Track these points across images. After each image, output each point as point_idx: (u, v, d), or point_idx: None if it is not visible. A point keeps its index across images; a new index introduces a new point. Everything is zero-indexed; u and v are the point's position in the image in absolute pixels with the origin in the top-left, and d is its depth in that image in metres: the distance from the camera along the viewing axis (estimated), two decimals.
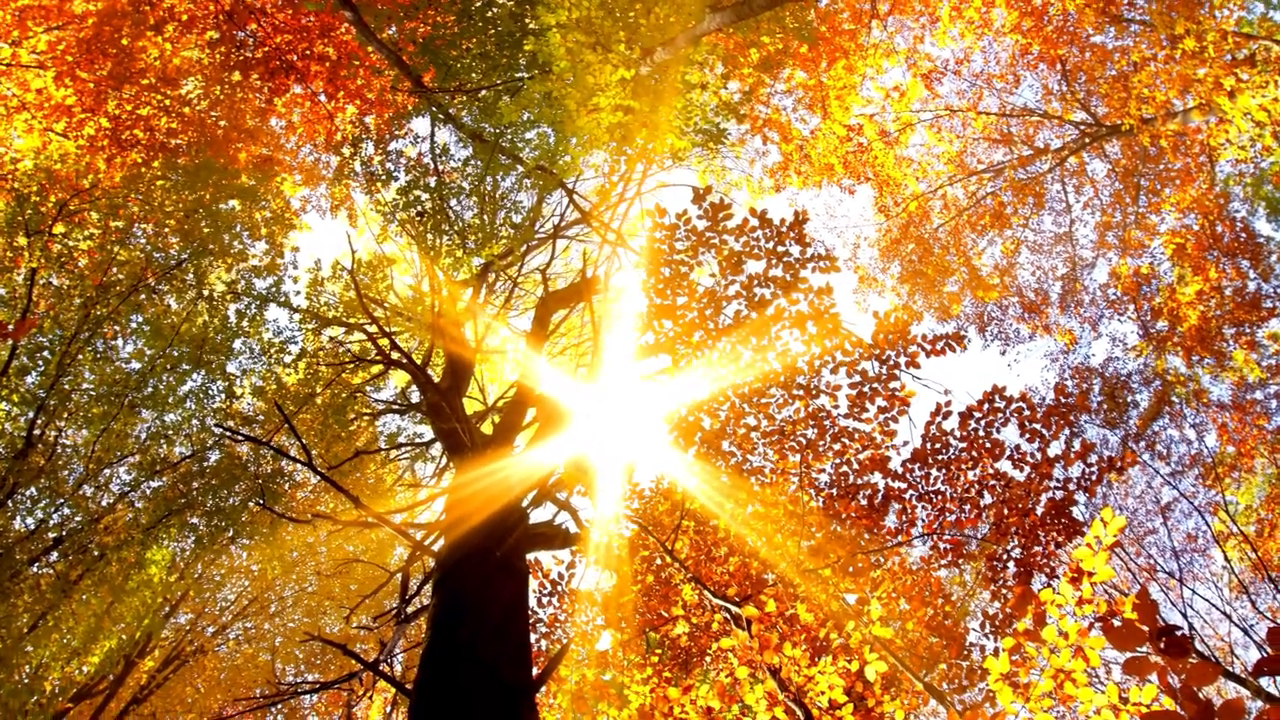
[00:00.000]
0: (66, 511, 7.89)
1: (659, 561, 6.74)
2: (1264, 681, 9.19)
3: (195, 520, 8.61)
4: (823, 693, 5.05)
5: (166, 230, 8.44)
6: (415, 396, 11.28)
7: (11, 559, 7.04)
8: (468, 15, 7.93)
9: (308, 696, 12.52)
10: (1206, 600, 12.11)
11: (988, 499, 6.08)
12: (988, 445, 5.95)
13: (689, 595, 6.53)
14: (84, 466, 7.98)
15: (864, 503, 6.09)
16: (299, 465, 8.86)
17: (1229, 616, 12.03)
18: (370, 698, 13.66)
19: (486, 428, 10.17)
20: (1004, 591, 6.28)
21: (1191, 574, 13.69)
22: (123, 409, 7.97)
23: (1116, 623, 2.37)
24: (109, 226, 7.95)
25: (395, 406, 10.40)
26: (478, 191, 9.49)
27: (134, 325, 8.43)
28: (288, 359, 9.59)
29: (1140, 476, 14.19)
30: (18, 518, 7.71)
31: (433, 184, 8.97)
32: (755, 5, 5.67)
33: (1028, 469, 5.98)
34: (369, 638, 11.38)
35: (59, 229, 7.63)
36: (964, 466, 6.02)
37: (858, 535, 6.02)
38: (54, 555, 7.86)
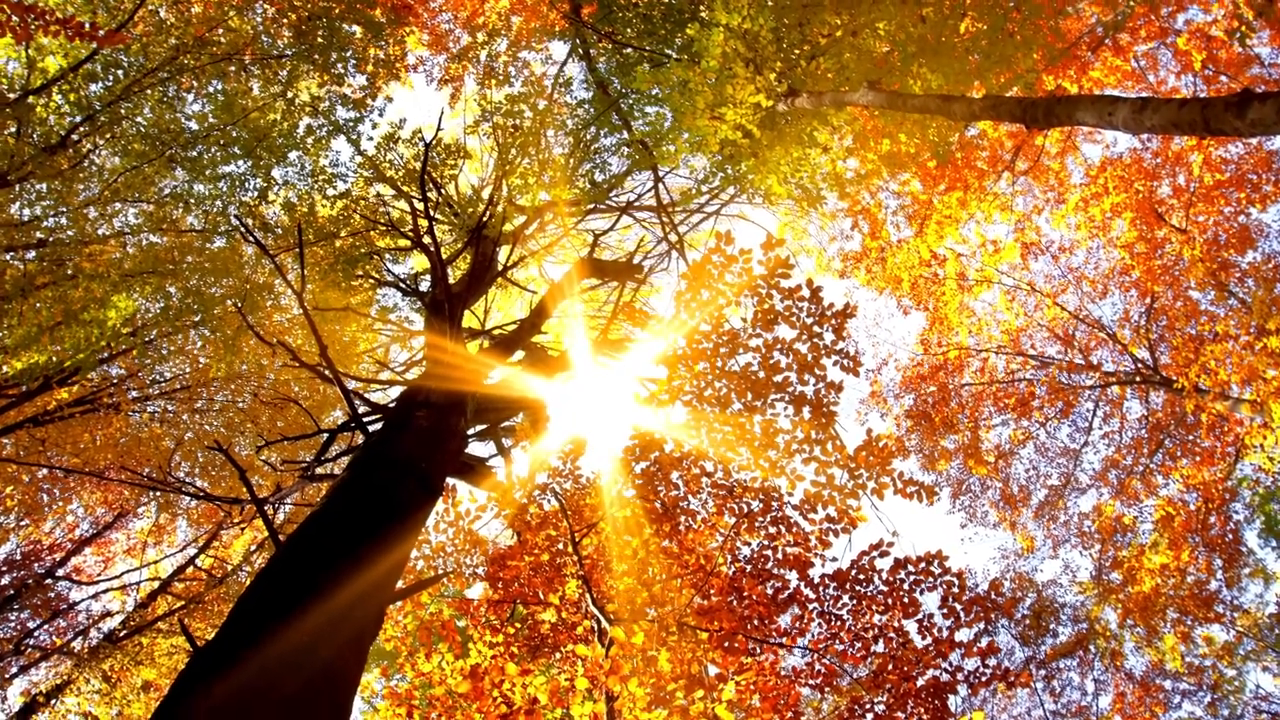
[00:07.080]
0: (63, 221, 7.88)
1: (561, 546, 6.73)
2: None
3: (172, 290, 8.60)
4: None
5: (285, 22, 8.43)
6: (424, 286, 11.27)
7: None
8: None
9: (187, 499, 12.50)
10: None
11: (880, 647, 6.07)
12: (905, 600, 5.94)
13: (571, 590, 6.52)
14: (99, 190, 7.97)
15: (770, 592, 6.08)
16: (289, 290, 8.86)
17: None
18: (242, 529, 13.67)
19: (473, 347, 10.16)
20: None
21: None
22: (161, 158, 7.96)
23: None
24: None
25: (403, 285, 10.39)
26: (577, 135, 9.48)
27: (210, 90, 8.42)
28: (331, 192, 9.57)
29: (1025, 701, 14.19)
30: (17, 204, 7.71)
31: (541, 106, 8.97)
32: (910, 104, 5.66)
33: (930, 639, 5.97)
34: (269, 476, 11.36)
35: None
36: (875, 608, 6.01)
37: (749, 618, 6.01)
38: (30, 254, 7.85)
